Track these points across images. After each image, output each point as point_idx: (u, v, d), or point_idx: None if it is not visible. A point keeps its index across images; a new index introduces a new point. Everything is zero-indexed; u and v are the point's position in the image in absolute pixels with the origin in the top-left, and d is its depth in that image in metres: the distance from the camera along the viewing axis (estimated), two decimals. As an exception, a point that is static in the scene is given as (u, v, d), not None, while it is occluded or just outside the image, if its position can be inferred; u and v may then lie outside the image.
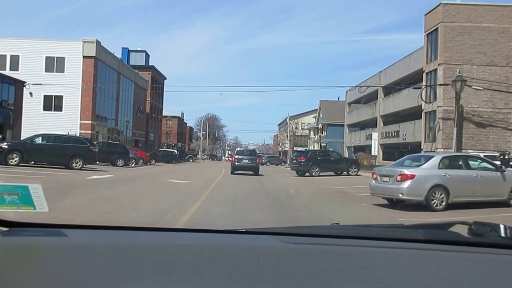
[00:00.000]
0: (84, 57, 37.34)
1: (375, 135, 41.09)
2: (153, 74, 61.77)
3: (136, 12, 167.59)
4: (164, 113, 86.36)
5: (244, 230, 1.43)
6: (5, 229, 1.18)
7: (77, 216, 6.21)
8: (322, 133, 59.97)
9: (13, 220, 1.21)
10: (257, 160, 25.42)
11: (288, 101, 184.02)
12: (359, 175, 24.83)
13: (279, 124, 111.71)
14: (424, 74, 31.20)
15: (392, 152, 42.08)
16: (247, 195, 12.43)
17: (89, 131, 37.70)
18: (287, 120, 76.89)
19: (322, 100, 60.92)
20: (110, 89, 43.30)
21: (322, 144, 58.11)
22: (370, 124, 45.48)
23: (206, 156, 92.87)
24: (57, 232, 1.24)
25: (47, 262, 1.07)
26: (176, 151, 47.89)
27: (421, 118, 31.95)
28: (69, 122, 36.69)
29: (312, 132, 70.65)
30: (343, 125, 54.57)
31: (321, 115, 60.80)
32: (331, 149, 35.91)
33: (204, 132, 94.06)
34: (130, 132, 51.40)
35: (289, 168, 38.79)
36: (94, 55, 37.41)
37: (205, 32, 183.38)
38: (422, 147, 31.29)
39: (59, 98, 37.30)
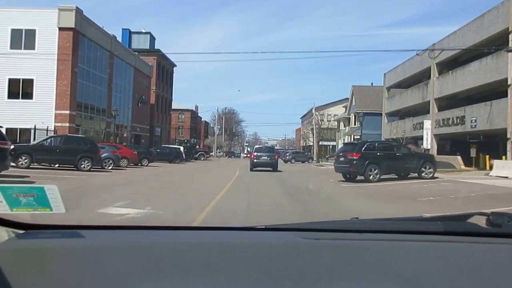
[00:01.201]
0: (61, 29, 29.76)
1: (427, 124, 32.24)
2: (159, 60, 54.06)
3: (153, 8, 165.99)
4: (176, 106, 79.16)
5: (263, 226, 1.42)
6: (22, 231, 1.17)
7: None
8: (355, 124, 51.11)
9: (30, 222, 1.19)
10: (276, 156, 25.08)
11: (309, 95, 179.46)
12: (435, 177, 16.31)
13: (302, 117, 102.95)
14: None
15: (452, 143, 33.08)
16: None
17: (67, 124, 30.20)
18: (313, 111, 68.20)
19: (355, 86, 51.98)
20: (99, 73, 35.70)
21: (355, 137, 49.28)
22: (418, 110, 36.57)
23: (222, 153, 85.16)
24: (74, 234, 1.22)
25: (64, 264, 1.07)
26: (182, 148, 40.02)
27: (503, 96, 23.03)
28: (41, 113, 29.30)
29: (342, 124, 61.76)
30: (381, 113, 45.62)
31: (353, 103, 51.90)
32: (392, 140, 27.33)
33: (219, 126, 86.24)
34: (128, 124, 43.87)
35: (321, 167, 30.19)
36: (73, 26, 29.79)
37: (222, 27, 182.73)
38: (509, 136, 22.38)
39: (29, 83, 29.89)
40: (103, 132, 36.60)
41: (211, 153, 75.93)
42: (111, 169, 20.04)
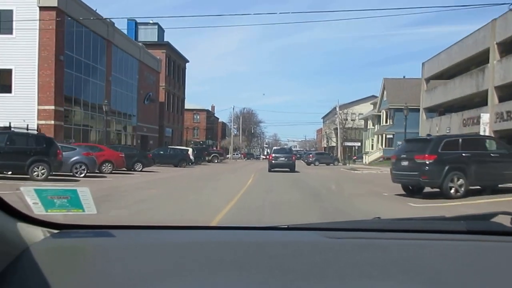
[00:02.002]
0: (42, 8, 25.17)
1: (485, 118, 26.29)
2: (168, 53, 49.45)
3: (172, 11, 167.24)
4: (191, 106, 74.67)
5: (286, 226, 1.42)
6: (56, 231, 1.22)
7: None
8: (386, 122, 45.17)
9: (63, 222, 1.24)
10: (293, 157, 25.57)
11: (330, 96, 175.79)
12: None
13: (323, 117, 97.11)
14: None
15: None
16: None
17: (52, 121, 25.56)
18: (336, 109, 62.47)
19: (386, 79, 46.00)
20: (94, 63, 31.07)
21: (387, 136, 43.38)
22: (466, 103, 30.59)
23: (240, 155, 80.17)
24: (105, 233, 1.26)
25: (96, 262, 1.10)
26: (190, 149, 35.05)
27: None
28: (22, 109, 24.78)
29: (370, 122, 55.73)
30: (417, 109, 39.60)
31: (384, 98, 45.94)
32: (482, 134, 21.70)
33: (235, 126, 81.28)
34: (132, 124, 39.21)
35: (354, 171, 24.39)
36: (55, 5, 25.14)
37: (241, 30, 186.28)
38: None
39: (7, 74, 25.39)
40: (100, 133, 31.95)
41: (227, 155, 71.00)
42: (83, 176, 15.09)
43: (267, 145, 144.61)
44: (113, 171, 18.00)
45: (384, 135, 43.84)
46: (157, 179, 15.10)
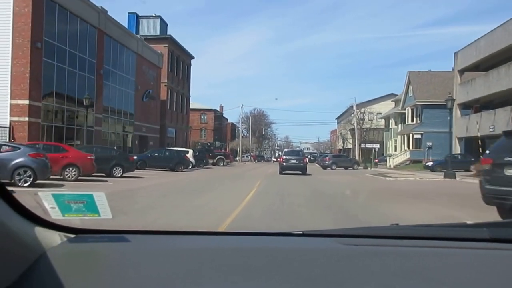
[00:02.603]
0: (14, -12, 21.51)
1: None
2: (171, 48, 45.66)
3: (185, 18, 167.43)
4: (197, 106, 70.92)
5: (301, 232, 1.41)
6: (72, 235, 1.22)
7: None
8: (413, 120, 40.58)
9: (79, 227, 1.24)
10: (304, 160, 25.22)
11: (344, 99, 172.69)
12: None
13: (338, 117, 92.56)
14: None
15: None
16: None
17: (26, 118, 21.80)
18: (353, 108, 57.97)
19: (412, 72, 41.40)
20: (82, 54, 27.29)
21: (414, 136, 38.79)
22: (510, 98, 26.05)
23: (250, 157, 76.07)
24: (121, 238, 1.26)
25: (112, 267, 1.11)
26: (191, 151, 31.06)
27: None
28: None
29: (392, 121, 51.11)
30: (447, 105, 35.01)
31: (410, 94, 41.35)
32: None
33: (244, 126, 77.26)
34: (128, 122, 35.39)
35: (385, 177, 19.91)
36: (29, -16, 21.43)
37: (253, 34, 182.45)
38: None
39: (-27, 62, 21.72)
40: (89, 132, 28.13)
41: (236, 158, 66.93)
42: (28, 186, 11.08)
43: (278, 147, 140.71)
44: (80, 178, 14.02)
45: (410, 135, 39.29)
46: (120, 192, 10.99)
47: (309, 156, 75.66)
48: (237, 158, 76.03)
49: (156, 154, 26.03)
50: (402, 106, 43.86)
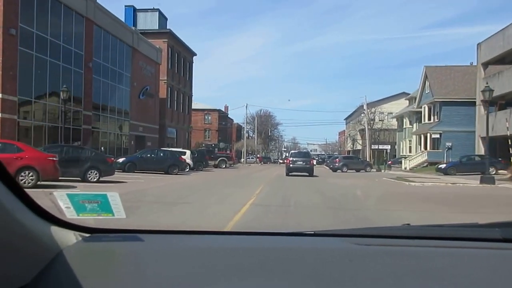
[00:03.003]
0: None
1: None
2: (171, 43, 43.13)
3: (192, 19, 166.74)
4: (201, 106, 68.39)
5: (312, 232, 1.41)
6: (87, 235, 1.24)
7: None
8: (430, 119, 37.51)
9: (94, 226, 1.26)
10: (311, 161, 24.80)
11: (352, 100, 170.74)
12: None
13: (347, 118, 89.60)
14: None
15: None
16: None
17: (-3, 114, 19.27)
18: (364, 107, 55.02)
19: (428, 67, 38.29)
20: (67, 45, 24.76)
21: (432, 136, 35.71)
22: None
23: (255, 159, 73.34)
24: (134, 237, 1.27)
25: (127, 266, 1.12)
26: (188, 152, 28.40)
27: None
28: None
29: (405, 121, 48.04)
30: (473, 102, 32.01)
31: (427, 90, 38.29)
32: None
33: (250, 127, 74.56)
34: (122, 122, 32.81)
35: (408, 183, 16.68)
36: (0, -39, 18.91)
37: (260, 35, 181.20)
38: None
39: None
40: (77, 132, 25.56)
41: (241, 159, 64.19)
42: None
43: (285, 149, 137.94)
44: (39, 183, 11.33)
45: (428, 135, 36.18)
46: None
47: (316, 158, 72.73)
48: (242, 159, 73.43)
49: (148, 155, 23.35)
50: (417, 104, 40.78)
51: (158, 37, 40.92)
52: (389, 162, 41.76)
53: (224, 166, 37.62)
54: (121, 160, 21.84)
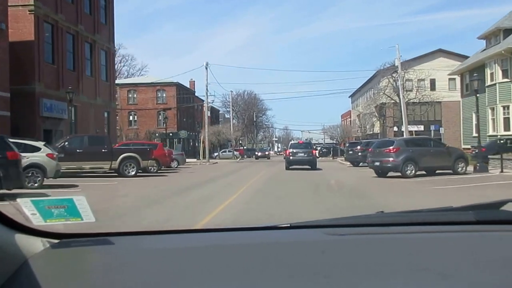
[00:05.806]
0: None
1: None
2: None
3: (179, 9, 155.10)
4: (151, 79, 47.89)
5: (288, 225, 1.41)
6: (56, 241, 1.22)
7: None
8: None
9: (63, 232, 1.24)
10: (313, 152, 23.88)
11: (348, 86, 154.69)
12: None
13: (352, 95, 69.22)
14: None
15: None
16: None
17: None
18: (396, 63, 34.57)
19: None
20: None
21: None
22: None
23: (233, 153, 52.96)
24: (105, 241, 1.26)
25: (97, 270, 1.10)
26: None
27: None
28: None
29: (487, 73, 27.51)
30: None
31: None
32: None
33: (226, 110, 54.12)
34: None
35: None
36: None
37: (251, 24, 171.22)
38: None
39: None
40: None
41: (215, 153, 43.52)
42: None
43: (276, 139, 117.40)
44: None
45: None
46: None
47: (319, 148, 52.53)
48: (215, 154, 52.78)
49: None
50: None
51: None
52: (470, 151, 21.53)
53: (133, 173, 17.08)
54: None
